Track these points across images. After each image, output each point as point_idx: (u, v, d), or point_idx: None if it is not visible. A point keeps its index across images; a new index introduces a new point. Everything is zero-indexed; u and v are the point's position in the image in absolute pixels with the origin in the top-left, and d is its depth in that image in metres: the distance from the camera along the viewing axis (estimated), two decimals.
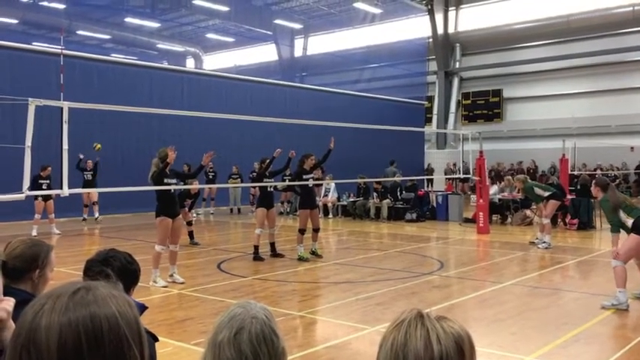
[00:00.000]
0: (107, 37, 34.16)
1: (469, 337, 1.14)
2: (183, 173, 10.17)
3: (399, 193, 18.07)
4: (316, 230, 10.73)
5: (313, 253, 10.67)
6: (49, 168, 12.78)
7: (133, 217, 16.53)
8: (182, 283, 8.33)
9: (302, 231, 10.47)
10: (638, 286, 7.43)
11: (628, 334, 6.12)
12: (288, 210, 19.04)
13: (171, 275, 8.42)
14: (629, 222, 6.96)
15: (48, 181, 13.03)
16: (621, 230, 7.19)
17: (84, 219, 15.79)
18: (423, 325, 1.12)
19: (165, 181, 8.21)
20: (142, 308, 2.20)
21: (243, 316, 1.47)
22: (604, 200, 7.27)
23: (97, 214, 15.61)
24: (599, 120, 24.87)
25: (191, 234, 12.26)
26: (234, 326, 1.45)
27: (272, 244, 10.78)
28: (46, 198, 13.17)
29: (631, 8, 24.33)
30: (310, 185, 10.80)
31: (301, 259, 10.31)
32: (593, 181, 7.81)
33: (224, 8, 30.97)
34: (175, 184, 8.61)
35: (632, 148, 23.65)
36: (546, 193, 11.93)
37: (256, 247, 10.44)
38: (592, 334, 6.05)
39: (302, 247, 10.47)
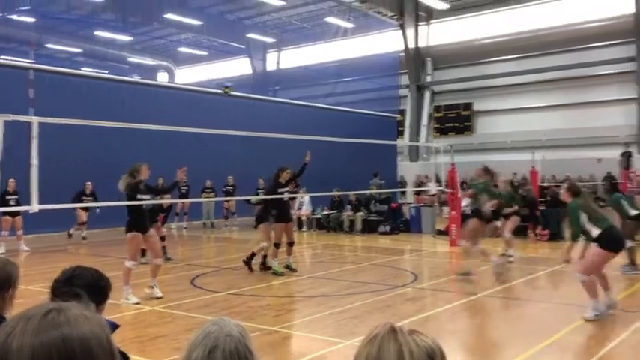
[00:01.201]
0: (78, 50, 33.82)
1: (441, 350, 1.16)
2: (157, 188, 9.98)
3: (372, 206, 18.16)
4: (291, 244, 10.74)
5: (288, 267, 10.65)
6: (12, 180, 12.51)
7: (103, 232, 16.28)
8: (160, 297, 8.28)
9: (277, 245, 10.46)
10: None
11: (600, 342, 6.22)
12: None
13: (152, 287, 8.40)
14: (595, 232, 6.79)
15: (16, 197, 12.78)
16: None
17: (70, 234, 15.47)
18: (396, 340, 1.13)
19: (139, 196, 8.17)
20: (114, 327, 2.18)
21: (217, 333, 1.47)
22: (573, 207, 7.03)
23: (72, 231, 15.45)
24: (567, 132, 25.37)
25: (164, 249, 12.12)
26: (208, 344, 1.44)
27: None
28: (13, 214, 12.90)
29: (596, 24, 24.99)
30: (285, 199, 10.80)
31: (275, 273, 10.28)
32: (565, 186, 7.55)
33: (196, 22, 30.96)
34: (149, 199, 8.55)
35: (599, 159, 24.14)
36: (515, 206, 12.17)
37: (253, 255, 10.55)
38: (564, 343, 6.13)
39: (277, 261, 10.45)
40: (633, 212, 10.29)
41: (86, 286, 2.36)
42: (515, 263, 11.31)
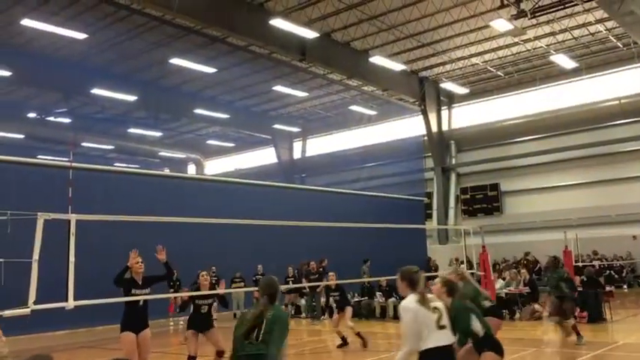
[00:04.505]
0: (111, 147, 35.16)
1: None
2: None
3: None
4: (220, 354, 8.65)
5: None
6: None
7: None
8: None
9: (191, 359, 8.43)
10: None
11: None
12: (293, 312, 18.75)
13: None
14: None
15: None
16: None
17: None
18: None
19: (133, 291, 7.40)
20: None
21: None
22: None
23: None
24: (598, 210, 24.97)
25: None
26: None
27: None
28: None
29: (617, 102, 25.18)
30: (204, 310, 8.93)
31: None
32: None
33: (224, 116, 32.08)
34: (147, 293, 7.61)
35: (634, 237, 23.61)
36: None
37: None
38: None
39: None
40: None
41: None
42: (557, 347, 10.92)
